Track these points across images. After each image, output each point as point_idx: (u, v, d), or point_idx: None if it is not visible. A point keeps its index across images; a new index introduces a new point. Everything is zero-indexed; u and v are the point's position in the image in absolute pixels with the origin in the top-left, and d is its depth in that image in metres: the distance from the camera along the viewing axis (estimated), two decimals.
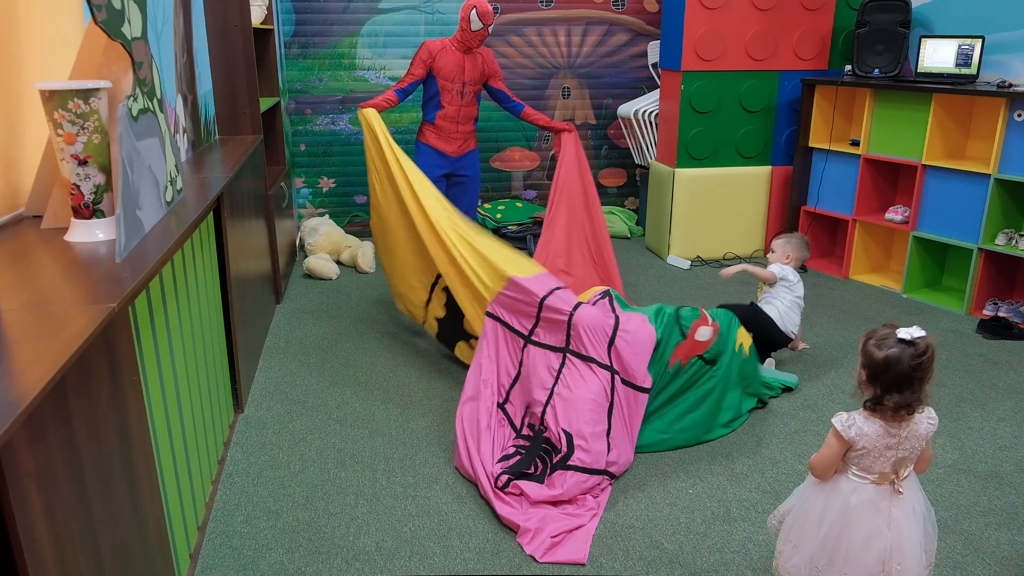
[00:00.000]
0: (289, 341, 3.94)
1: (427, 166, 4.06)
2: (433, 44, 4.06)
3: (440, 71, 4.05)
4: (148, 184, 2.13)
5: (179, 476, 2.18)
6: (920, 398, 1.83)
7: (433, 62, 4.04)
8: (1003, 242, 4.20)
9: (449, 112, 4.13)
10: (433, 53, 4.03)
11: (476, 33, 3.96)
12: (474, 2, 3.92)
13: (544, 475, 2.66)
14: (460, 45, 4.04)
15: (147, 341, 1.95)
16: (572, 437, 2.68)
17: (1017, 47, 4.34)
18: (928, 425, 1.88)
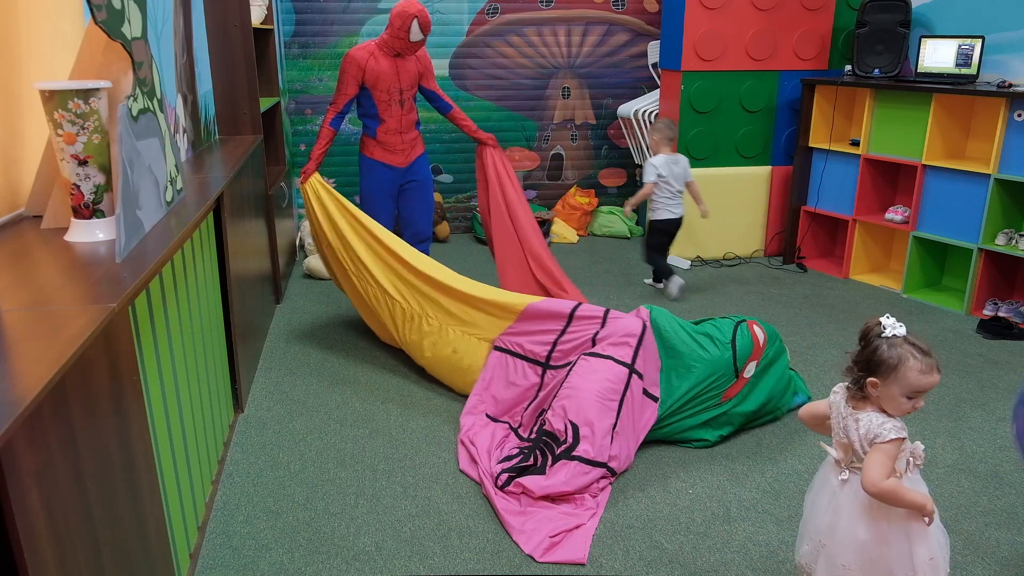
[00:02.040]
0: (289, 341, 3.94)
1: (377, 183, 3.93)
2: (359, 54, 3.71)
3: (374, 84, 3.74)
4: (148, 184, 2.13)
5: (179, 476, 2.18)
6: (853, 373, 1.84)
7: (364, 76, 3.72)
8: (1003, 242, 4.20)
9: (391, 125, 3.86)
10: (362, 65, 3.71)
11: (414, 43, 3.67)
12: (414, 11, 3.58)
13: (545, 466, 2.66)
14: (390, 51, 3.72)
15: (147, 341, 1.95)
16: (578, 428, 2.68)
17: (1017, 47, 4.34)
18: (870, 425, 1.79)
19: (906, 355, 1.75)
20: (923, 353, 1.76)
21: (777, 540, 2.42)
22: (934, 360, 1.78)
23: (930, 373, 1.76)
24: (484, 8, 5.65)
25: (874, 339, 1.81)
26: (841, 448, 1.90)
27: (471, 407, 3.13)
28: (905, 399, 1.78)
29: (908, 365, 1.75)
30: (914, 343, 1.78)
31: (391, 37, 3.67)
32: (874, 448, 1.78)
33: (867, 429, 1.80)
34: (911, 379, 1.75)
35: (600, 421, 2.69)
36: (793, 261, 5.25)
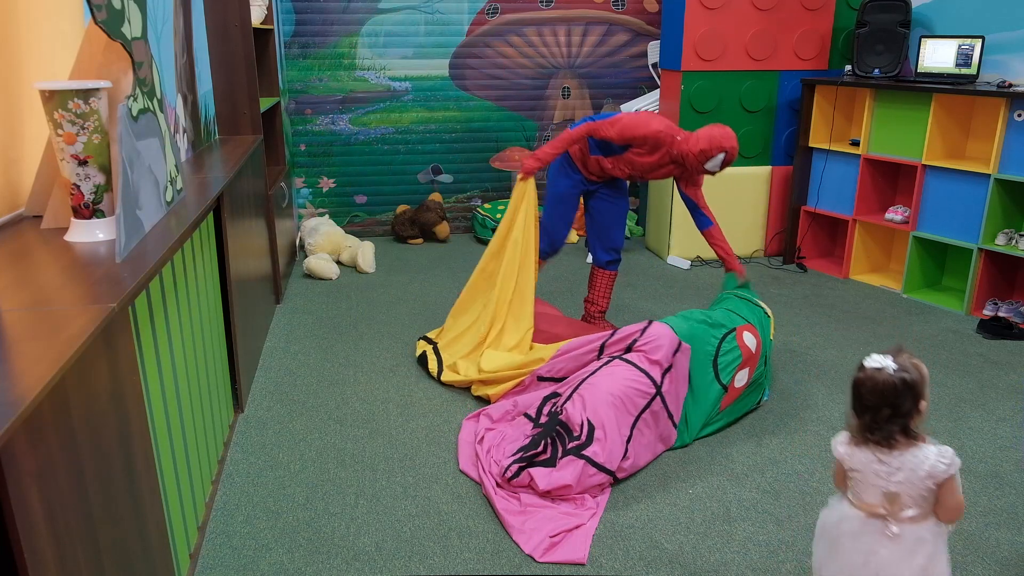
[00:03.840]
0: (289, 341, 3.94)
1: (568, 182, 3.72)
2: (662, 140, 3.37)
3: (632, 155, 3.48)
4: (148, 184, 2.13)
5: (179, 476, 2.18)
6: (891, 429, 1.71)
7: (638, 144, 3.42)
8: (1003, 242, 4.20)
9: (606, 168, 3.60)
10: (652, 143, 3.39)
11: (704, 169, 3.36)
12: (727, 145, 3.26)
13: (555, 459, 2.66)
14: (676, 154, 3.39)
15: (147, 341, 1.95)
16: (594, 429, 2.68)
17: (1017, 47, 4.34)
18: (936, 463, 1.69)
19: (913, 362, 1.73)
20: (903, 351, 1.76)
21: (777, 540, 2.42)
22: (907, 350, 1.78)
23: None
24: (484, 8, 5.65)
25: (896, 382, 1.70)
26: (888, 500, 1.74)
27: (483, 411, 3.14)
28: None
29: (920, 365, 1.74)
30: (895, 353, 1.75)
31: (688, 152, 3.32)
32: (950, 480, 1.69)
33: (932, 467, 1.69)
34: (927, 372, 1.75)
35: (616, 429, 2.69)
36: (793, 261, 5.25)
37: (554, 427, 2.74)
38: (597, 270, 3.92)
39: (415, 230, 5.74)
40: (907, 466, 1.71)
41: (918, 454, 1.71)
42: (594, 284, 3.95)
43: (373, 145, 5.79)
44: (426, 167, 5.92)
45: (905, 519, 1.73)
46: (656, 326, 2.95)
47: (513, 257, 3.54)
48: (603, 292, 3.94)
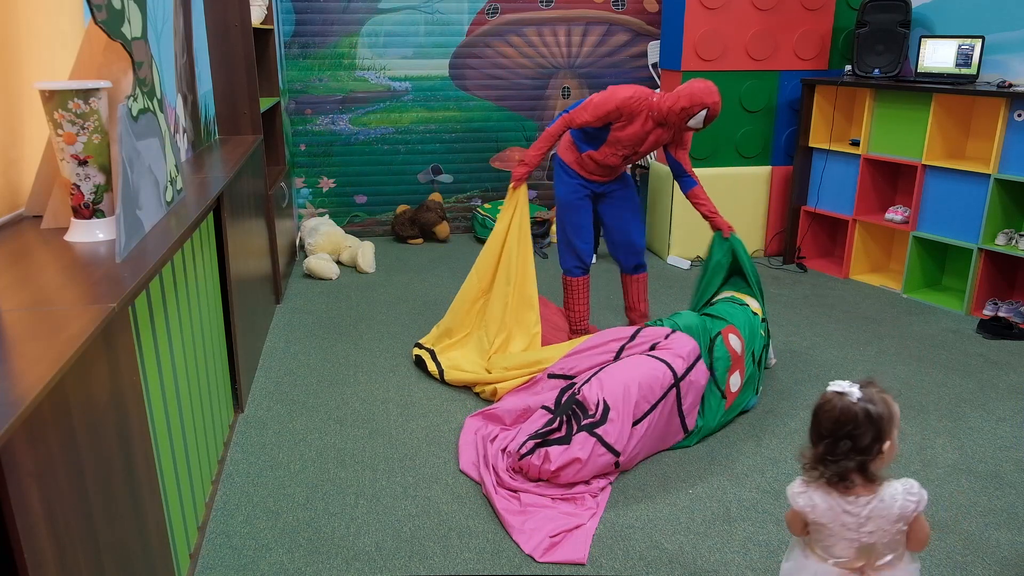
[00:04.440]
0: (289, 341, 3.94)
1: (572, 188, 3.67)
2: (630, 105, 3.33)
3: (618, 132, 3.43)
4: (148, 184, 2.13)
5: (179, 476, 2.18)
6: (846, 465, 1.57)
7: (618, 122, 3.40)
8: (1003, 242, 4.20)
9: (600, 160, 3.55)
10: (624, 115, 3.36)
11: (687, 127, 3.35)
12: (709, 101, 3.23)
13: (570, 436, 2.66)
14: (659, 116, 3.36)
15: (147, 341, 1.95)
16: (609, 409, 2.68)
17: (1017, 47, 4.34)
18: (905, 502, 1.58)
19: (883, 396, 1.60)
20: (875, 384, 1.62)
21: (777, 540, 2.42)
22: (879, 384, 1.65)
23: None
24: (484, 8, 5.65)
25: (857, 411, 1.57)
26: (864, 554, 1.62)
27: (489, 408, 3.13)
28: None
29: (891, 402, 1.60)
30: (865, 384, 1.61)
31: (668, 109, 3.30)
32: (919, 518, 1.59)
33: (901, 508, 1.58)
34: (897, 412, 1.61)
35: (630, 413, 2.71)
36: (793, 261, 5.25)
37: (570, 406, 2.76)
38: (626, 276, 3.84)
39: (415, 230, 5.74)
40: (876, 514, 1.58)
41: (885, 497, 1.59)
42: (628, 291, 3.85)
43: (373, 145, 5.79)
44: (426, 167, 5.92)
45: (883, 566, 1.62)
46: (679, 336, 2.97)
47: (509, 266, 3.53)
48: (639, 296, 3.84)
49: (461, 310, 3.68)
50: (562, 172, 3.68)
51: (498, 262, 3.58)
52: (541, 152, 3.51)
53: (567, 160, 3.65)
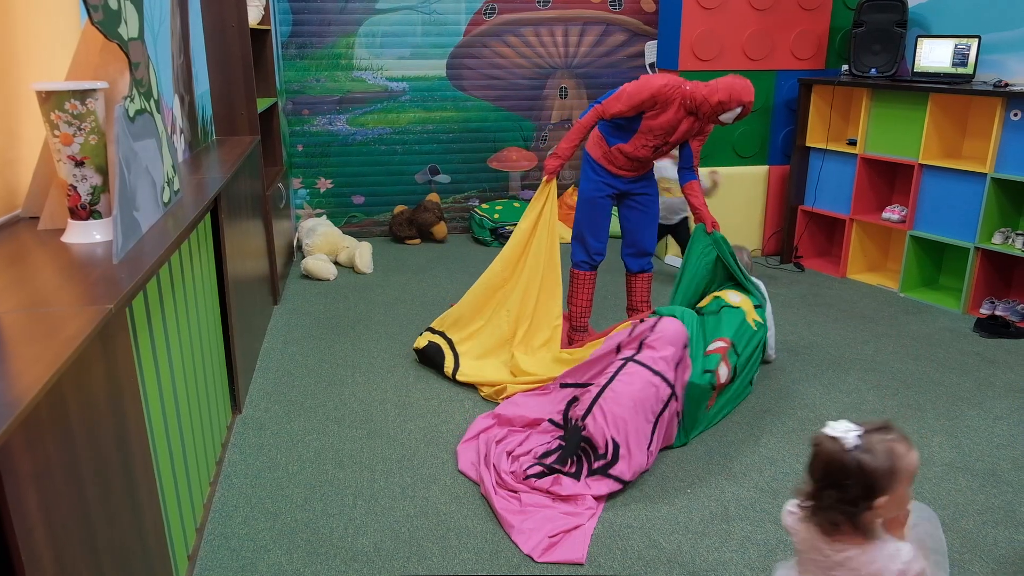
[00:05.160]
0: (287, 342, 3.94)
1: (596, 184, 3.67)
2: (664, 92, 3.33)
3: (649, 121, 3.42)
4: (145, 185, 2.13)
5: (177, 477, 2.17)
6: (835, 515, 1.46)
7: (650, 110, 3.39)
8: (1000, 241, 4.21)
9: (629, 152, 3.53)
10: (658, 102, 3.35)
11: (716, 120, 3.36)
12: (746, 100, 3.25)
13: (580, 474, 2.66)
14: (691, 105, 3.35)
15: (144, 342, 1.94)
16: (619, 447, 2.67)
17: (1013, 47, 4.35)
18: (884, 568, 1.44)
19: (887, 447, 1.44)
20: (888, 430, 1.46)
21: (775, 539, 2.42)
22: (898, 430, 1.48)
23: (911, 445, 1.47)
24: (482, 8, 5.65)
25: (847, 461, 1.44)
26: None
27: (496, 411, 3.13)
28: (909, 490, 1.48)
29: (899, 453, 1.43)
30: (877, 429, 1.46)
31: (704, 99, 3.30)
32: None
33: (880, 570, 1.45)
34: (909, 463, 1.44)
35: (638, 442, 2.70)
36: (791, 260, 5.25)
37: (578, 444, 2.73)
38: (631, 276, 3.87)
39: (413, 230, 5.74)
40: (850, 565, 1.46)
41: (863, 556, 1.46)
42: (632, 290, 3.86)
43: (370, 145, 5.79)
44: (423, 167, 5.92)
45: None
46: (665, 321, 2.93)
47: (538, 256, 3.56)
48: (642, 296, 3.85)
49: (481, 297, 3.67)
50: (588, 168, 3.70)
51: (524, 252, 3.60)
52: (573, 144, 3.54)
53: (595, 155, 3.67)
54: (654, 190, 3.73)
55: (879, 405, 3.28)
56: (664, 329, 2.90)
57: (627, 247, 3.81)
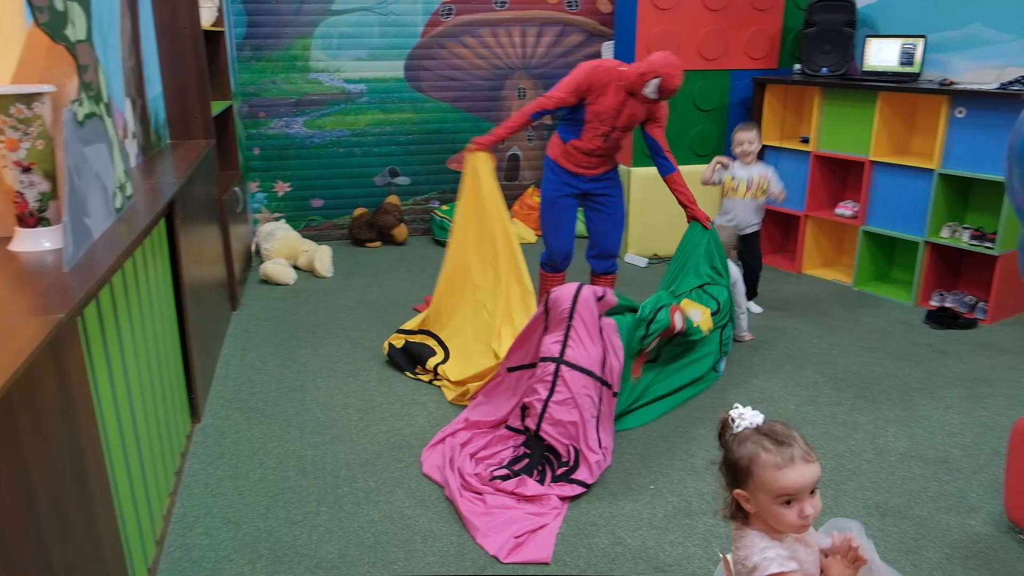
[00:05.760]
0: (246, 348, 3.88)
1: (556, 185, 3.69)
2: (597, 72, 3.44)
3: (592, 107, 3.49)
4: (96, 191, 2.08)
5: (134, 489, 2.13)
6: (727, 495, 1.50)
7: (588, 93, 3.47)
8: (947, 235, 4.33)
9: (584, 146, 3.59)
10: (594, 83, 3.44)
11: (645, 94, 3.39)
12: (662, 71, 3.28)
13: (544, 479, 2.69)
14: (627, 85, 3.42)
15: (98, 352, 1.90)
16: (580, 453, 2.73)
17: (957, 46, 4.48)
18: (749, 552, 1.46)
19: (756, 450, 1.41)
20: (777, 443, 1.41)
21: None
22: (796, 449, 1.40)
23: (790, 465, 1.38)
24: (438, 9, 5.63)
25: (723, 443, 1.49)
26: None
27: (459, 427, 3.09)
28: (782, 507, 1.40)
29: (760, 462, 1.40)
30: (767, 432, 1.43)
31: (635, 75, 3.37)
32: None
33: (746, 555, 1.44)
34: (768, 479, 1.39)
35: (593, 444, 2.74)
36: None
37: (542, 453, 2.76)
38: (595, 277, 3.90)
39: (373, 233, 5.70)
40: (735, 543, 1.50)
41: (739, 539, 1.49)
42: None
43: (328, 148, 5.74)
44: (383, 170, 5.89)
45: None
46: (553, 294, 2.94)
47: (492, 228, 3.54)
48: None
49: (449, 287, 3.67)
50: (548, 170, 3.73)
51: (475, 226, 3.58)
52: (509, 128, 3.56)
53: (553, 155, 3.70)
54: (616, 191, 3.76)
55: (836, 397, 3.35)
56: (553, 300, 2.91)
57: (591, 248, 3.84)
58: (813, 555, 1.47)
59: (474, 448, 2.87)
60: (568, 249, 3.79)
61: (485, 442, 2.91)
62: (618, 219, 3.80)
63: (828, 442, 2.99)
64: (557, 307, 2.89)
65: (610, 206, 3.75)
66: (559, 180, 3.67)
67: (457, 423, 3.05)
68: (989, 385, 3.46)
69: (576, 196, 3.70)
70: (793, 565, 1.42)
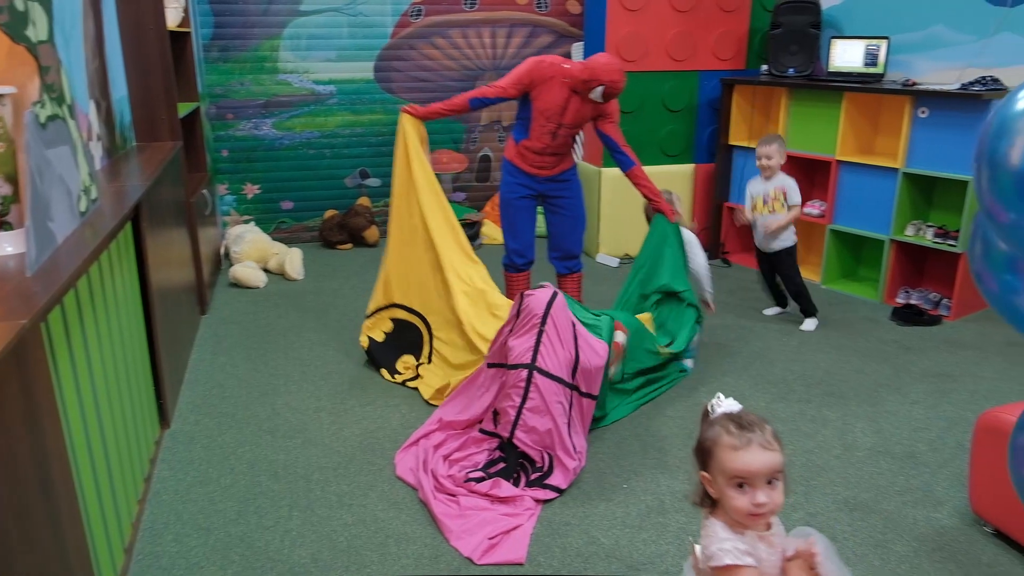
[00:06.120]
0: (216, 352, 3.84)
1: (512, 186, 3.71)
2: (542, 67, 3.44)
3: (537, 103, 3.50)
4: (60, 194, 2.05)
5: (102, 497, 2.10)
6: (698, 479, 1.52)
7: (532, 88, 3.48)
8: (912, 233, 4.40)
9: (534, 145, 3.60)
10: (536, 78, 3.45)
11: (591, 98, 3.43)
12: (606, 79, 3.32)
13: (519, 483, 2.70)
14: (573, 82, 3.44)
15: (63, 358, 1.87)
16: (554, 458, 2.73)
17: (920, 47, 4.56)
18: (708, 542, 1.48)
19: (719, 432, 1.45)
20: (740, 427, 1.44)
21: None
22: (757, 436, 1.42)
23: (745, 448, 1.41)
24: (408, 10, 5.62)
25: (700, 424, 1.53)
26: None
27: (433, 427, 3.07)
28: (735, 491, 1.42)
29: (720, 443, 1.44)
30: (735, 418, 1.47)
31: (575, 76, 3.40)
32: (713, 573, 1.46)
33: (706, 544, 1.47)
34: (724, 459, 1.43)
35: (567, 449, 2.74)
36: (718, 256, 5.38)
37: (517, 459, 2.76)
38: (560, 277, 3.91)
39: (344, 235, 5.67)
40: (701, 540, 1.52)
41: (705, 527, 1.51)
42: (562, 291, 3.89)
43: (298, 150, 5.69)
44: (353, 171, 5.85)
45: None
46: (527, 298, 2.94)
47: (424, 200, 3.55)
48: (573, 296, 3.88)
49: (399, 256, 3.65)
50: (504, 172, 3.74)
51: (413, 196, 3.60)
52: (447, 106, 3.60)
53: (509, 156, 3.71)
54: (573, 192, 3.78)
55: (805, 394, 3.40)
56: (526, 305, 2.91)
57: (552, 251, 3.86)
58: (775, 556, 1.48)
59: (448, 450, 2.86)
60: (525, 250, 3.81)
61: (459, 444, 2.90)
62: (578, 220, 3.83)
63: (798, 439, 3.03)
64: (529, 312, 2.89)
65: (568, 208, 3.77)
66: (514, 181, 3.69)
67: (431, 423, 3.04)
68: (953, 380, 3.53)
69: (533, 197, 3.73)
70: (749, 560, 1.43)
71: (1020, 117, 1.47)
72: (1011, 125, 1.47)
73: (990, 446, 2.34)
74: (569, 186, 3.73)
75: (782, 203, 3.98)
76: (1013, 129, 1.46)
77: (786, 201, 3.97)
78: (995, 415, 2.34)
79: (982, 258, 1.72)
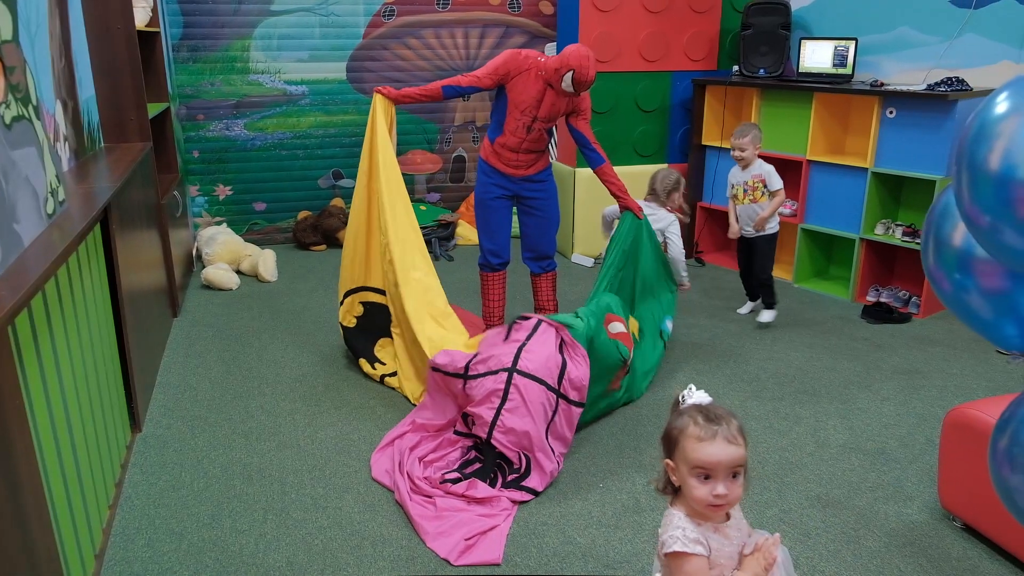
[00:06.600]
0: (188, 355, 3.79)
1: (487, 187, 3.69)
2: (518, 59, 3.46)
3: (512, 96, 3.51)
4: (25, 196, 2.01)
5: (72, 502, 2.06)
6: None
7: (508, 80, 3.49)
8: (881, 232, 4.47)
9: (508, 142, 3.58)
10: (512, 70, 3.46)
11: (563, 88, 3.40)
12: (573, 63, 3.30)
13: (496, 483, 2.69)
14: (546, 75, 3.43)
15: (31, 362, 1.84)
16: (531, 461, 2.72)
17: (888, 48, 4.63)
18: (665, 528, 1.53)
19: (687, 422, 1.48)
20: (707, 419, 1.47)
21: None
22: (723, 428, 1.45)
23: (710, 440, 1.44)
24: (380, 10, 5.59)
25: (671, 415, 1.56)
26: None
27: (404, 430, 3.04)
28: (697, 481, 1.45)
29: (686, 433, 1.47)
30: (703, 410, 1.50)
31: (552, 70, 3.39)
32: (665, 559, 1.50)
33: (662, 530, 1.51)
34: (689, 449, 1.45)
35: (547, 452, 2.74)
36: (692, 256, 5.42)
37: (495, 460, 2.75)
38: (534, 277, 3.91)
39: (318, 236, 5.63)
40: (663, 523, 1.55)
41: (672, 516, 1.52)
42: (537, 289, 3.92)
43: (271, 151, 5.64)
44: (327, 172, 5.82)
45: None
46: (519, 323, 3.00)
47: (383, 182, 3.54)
48: (548, 295, 3.91)
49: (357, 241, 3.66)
50: (480, 172, 3.74)
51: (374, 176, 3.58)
52: (420, 91, 3.63)
53: (484, 156, 3.71)
54: (548, 194, 3.77)
55: (778, 392, 3.43)
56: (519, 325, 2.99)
57: (526, 251, 3.86)
58: (730, 547, 1.51)
59: (423, 451, 2.86)
60: (501, 250, 3.81)
61: (434, 445, 2.90)
62: (552, 221, 3.84)
63: (771, 436, 3.06)
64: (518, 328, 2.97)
65: (543, 209, 3.77)
66: (489, 181, 3.69)
67: (404, 425, 3.03)
68: (923, 377, 3.59)
69: (508, 198, 3.72)
70: (699, 549, 1.46)
71: (999, 121, 1.46)
72: (990, 129, 1.47)
73: (958, 442, 2.38)
74: (544, 187, 3.73)
75: (761, 191, 4.00)
76: (992, 133, 1.47)
77: (766, 188, 3.99)
78: (963, 411, 2.38)
79: (934, 257, 1.75)
